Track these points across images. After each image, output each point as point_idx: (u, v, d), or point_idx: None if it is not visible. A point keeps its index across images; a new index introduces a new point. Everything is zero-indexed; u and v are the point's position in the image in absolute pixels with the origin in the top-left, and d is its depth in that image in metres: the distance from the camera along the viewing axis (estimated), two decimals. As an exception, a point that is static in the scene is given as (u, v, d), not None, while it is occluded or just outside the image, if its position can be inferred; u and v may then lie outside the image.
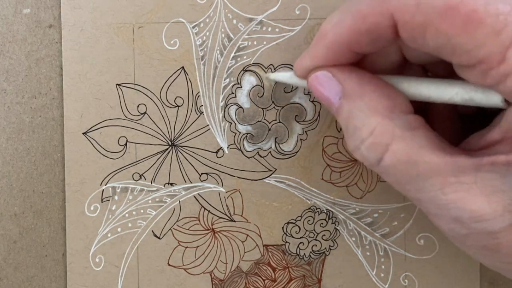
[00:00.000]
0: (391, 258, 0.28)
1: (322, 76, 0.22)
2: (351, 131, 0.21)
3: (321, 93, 0.22)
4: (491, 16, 0.16)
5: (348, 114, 0.21)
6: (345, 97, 0.21)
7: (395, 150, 0.19)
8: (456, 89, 0.19)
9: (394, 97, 0.20)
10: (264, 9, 0.27)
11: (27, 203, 0.28)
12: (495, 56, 0.17)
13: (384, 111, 0.20)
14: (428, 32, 0.18)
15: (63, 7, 0.27)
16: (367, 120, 0.20)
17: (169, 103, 0.28)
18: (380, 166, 0.20)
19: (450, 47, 0.18)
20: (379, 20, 0.19)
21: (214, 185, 0.28)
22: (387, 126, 0.20)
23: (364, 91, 0.20)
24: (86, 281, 0.28)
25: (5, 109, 0.28)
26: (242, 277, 0.29)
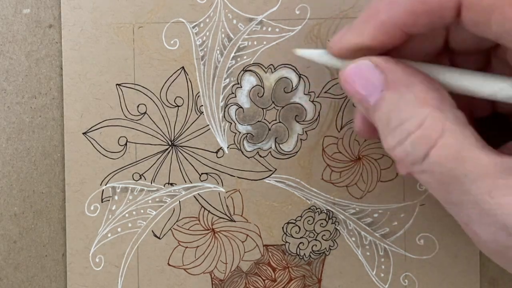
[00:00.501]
0: (391, 258, 0.28)
1: (364, 66, 0.20)
2: (395, 124, 0.19)
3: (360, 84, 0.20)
4: None
5: (392, 106, 0.19)
6: (390, 88, 0.19)
7: (445, 144, 0.18)
8: (501, 84, 0.18)
9: (443, 91, 0.19)
10: (264, 9, 0.27)
11: (27, 203, 0.28)
12: None
13: (434, 103, 0.18)
14: (494, 16, 0.17)
15: (63, 7, 0.27)
16: (416, 111, 0.18)
17: (169, 103, 0.28)
18: (424, 163, 0.18)
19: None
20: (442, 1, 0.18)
21: (214, 185, 0.28)
22: (438, 119, 0.18)
23: (413, 81, 0.19)
24: (86, 281, 0.28)
25: (5, 109, 0.28)
26: (242, 277, 0.29)
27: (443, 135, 0.18)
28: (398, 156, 0.19)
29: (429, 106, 0.18)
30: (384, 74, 0.19)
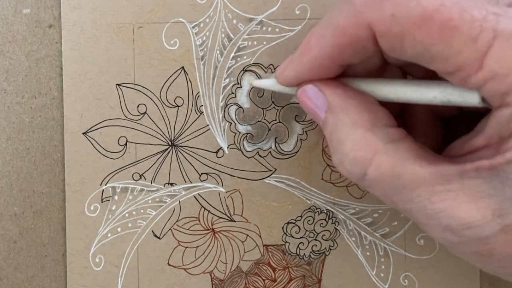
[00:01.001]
0: (391, 258, 0.28)
1: (309, 90, 0.22)
2: (335, 144, 0.21)
3: (308, 106, 0.22)
4: (467, 23, 0.16)
5: (332, 127, 0.21)
6: (330, 110, 0.21)
7: (379, 163, 0.19)
8: (434, 92, 0.19)
9: (376, 111, 0.21)
10: (264, 9, 0.27)
11: (27, 203, 0.28)
12: (472, 63, 0.17)
13: (366, 124, 0.20)
14: (405, 41, 0.18)
15: (63, 7, 0.27)
16: (350, 133, 0.20)
17: (169, 103, 0.28)
18: (365, 180, 0.20)
19: (428, 55, 0.18)
20: (358, 33, 0.19)
21: (214, 185, 0.28)
22: (370, 139, 0.20)
23: (348, 105, 0.21)
24: (86, 281, 0.28)
25: (5, 109, 0.28)
26: (242, 277, 0.29)
27: (376, 154, 0.19)
28: (343, 173, 0.21)
29: (362, 128, 0.20)
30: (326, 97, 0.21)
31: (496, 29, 0.16)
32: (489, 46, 0.16)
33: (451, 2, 0.17)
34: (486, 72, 0.16)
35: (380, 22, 0.18)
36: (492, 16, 0.16)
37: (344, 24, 0.19)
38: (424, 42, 0.17)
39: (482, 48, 0.16)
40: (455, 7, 0.17)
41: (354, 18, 0.19)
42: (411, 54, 0.18)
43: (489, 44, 0.16)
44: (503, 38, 0.16)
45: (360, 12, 0.18)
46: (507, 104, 0.17)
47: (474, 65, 0.17)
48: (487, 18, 0.16)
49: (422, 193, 0.19)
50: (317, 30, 0.21)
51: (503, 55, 0.16)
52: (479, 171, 0.18)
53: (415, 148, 0.20)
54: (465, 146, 0.19)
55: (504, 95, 0.17)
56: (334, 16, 0.20)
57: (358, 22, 0.19)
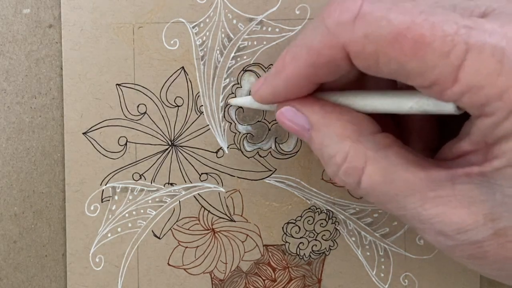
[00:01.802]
0: (391, 258, 0.28)
1: (287, 111, 0.22)
2: (326, 159, 0.21)
3: (290, 127, 0.22)
4: (438, 38, 0.17)
5: (320, 144, 0.21)
6: (313, 128, 0.21)
7: (371, 172, 0.20)
8: (410, 103, 0.19)
9: (359, 121, 0.21)
10: (264, 9, 0.27)
11: (27, 203, 0.28)
12: (447, 77, 0.17)
13: (353, 135, 0.20)
14: (380, 60, 0.18)
15: (63, 7, 0.27)
16: (338, 146, 0.20)
17: (169, 103, 0.28)
18: (361, 189, 0.20)
19: (404, 72, 0.18)
20: (332, 54, 0.19)
21: (214, 185, 0.28)
22: (359, 149, 0.20)
23: (329, 121, 0.21)
24: (86, 281, 0.28)
25: (5, 109, 0.28)
26: (242, 277, 0.29)
27: (366, 164, 0.20)
28: (339, 184, 0.21)
29: (348, 139, 0.20)
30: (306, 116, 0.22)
31: (468, 42, 0.16)
32: (462, 59, 0.16)
33: (422, 19, 0.17)
34: (462, 85, 0.17)
35: (353, 43, 0.18)
36: (463, 30, 0.16)
37: (317, 45, 0.19)
38: (398, 60, 0.17)
39: (456, 62, 0.16)
40: (426, 24, 0.17)
41: (327, 40, 0.19)
42: (387, 71, 0.18)
43: (462, 57, 0.16)
44: (476, 51, 0.16)
45: (333, 34, 0.19)
46: (486, 114, 0.17)
47: (449, 79, 0.17)
48: (458, 32, 0.16)
49: (414, 199, 0.19)
50: (292, 49, 0.21)
51: (477, 68, 0.16)
52: (469, 177, 0.18)
53: (405, 154, 0.20)
54: (455, 150, 0.19)
55: (482, 106, 0.17)
56: (308, 36, 0.20)
57: (331, 43, 0.19)
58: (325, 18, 0.19)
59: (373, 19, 0.18)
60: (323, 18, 0.19)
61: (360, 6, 0.18)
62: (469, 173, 0.18)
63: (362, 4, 0.18)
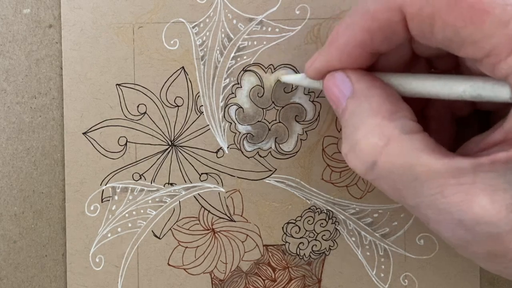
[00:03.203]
0: (391, 258, 0.28)
1: (337, 75, 0.21)
2: (349, 131, 0.20)
3: (333, 92, 0.22)
4: (498, 6, 0.16)
5: (351, 114, 0.20)
6: (353, 96, 0.21)
7: (391, 152, 0.19)
8: (463, 86, 0.19)
9: (398, 104, 0.20)
10: (264, 9, 0.27)
11: (27, 203, 0.28)
12: (503, 47, 0.16)
13: (385, 113, 0.20)
14: (436, 24, 0.17)
15: (63, 7, 0.27)
16: (366, 120, 0.20)
17: (169, 103, 0.28)
18: (374, 170, 0.19)
19: (458, 39, 0.17)
20: (388, 16, 0.19)
21: (214, 185, 0.28)
22: (385, 127, 0.19)
23: (371, 93, 0.20)
24: (86, 281, 0.28)
25: (5, 109, 0.28)
26: (242, 277, 0.29)
27: (388, 143, 0.19)
28: (351, 163, 0.20)
29: (380, 116, 0.20)
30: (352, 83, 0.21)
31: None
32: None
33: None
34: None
35: (410, 3, 0.18)
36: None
37: (374, 8, 0.19)
38: (454, 25, 0.17)
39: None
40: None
41: (384, 1, 0.18)
42: (441, 38, 0.18)
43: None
44: None
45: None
46: None
47: (505, 50, 0.16)
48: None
49: (434, 185, 0.18)
50: (346, 19, 0.20)
51: None
52: (494, 164, 0.17)
53: (430, 142, 0.19)
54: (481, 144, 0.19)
55: None
56: (363, 3, 0.19)
57: (388, 5, 0.18)
58: None
59: None
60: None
61: None
62: (494, 160, 0.17)
63: None
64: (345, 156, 0.21)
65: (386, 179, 0.19)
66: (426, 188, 0.18)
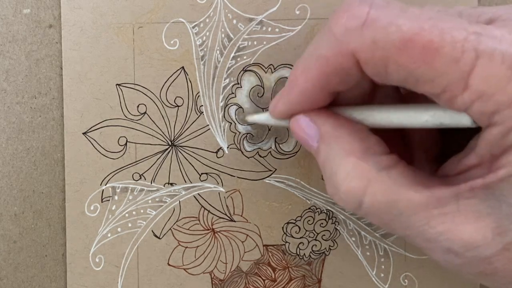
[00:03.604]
0: (391, 258, 0.28)
1: (301, 120, 0.22)
2: (328, 175, 0.21)
3: (301, 136, 0.22)
4: (448, 44, 0.16)
5: (325, 157, 0.21)
6: (322, 140, 0.21)
7: (373, 191, 0.19)
8: (426, 116, 0.19)
9: (367, 140, 0.20)
10: (264, 9, 0.27)
11: (27, 203, 0.28)
12: (457, 83, 0.17)
13: (358, 153, 0.20)
14: (389, 67, 0.18)
15: (63, 7, 0.28)
16: (342, 162, 0.20)
17: (169, 103, 0.28)
18: (362, 209, 0.20)
19: (413, 79, 0.18)
20: (342, 61, 0.19)
21: (214, 185, 0.28)
22: (362, 168, 0.20)
23: (339, 134, 0.21)
24: (86, 281, 0.28)
25: (5, 109, 0.28)
26: (242, 277, 0.29)
27: (369, 183, 0.19)
28: (339, 203, 0.21)
29: (353, 156, 0.20)
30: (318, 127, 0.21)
31: (477, 49, 0.16)
32: (472, 66, 0.16)
33: (430, 25, 0.17)
34: (472, 92, 0.16)
35: (362, 49, 0.18)
36: (473, 36, 0.16)
37: (327, 54, 0.19)
38: (407, 66, 0.17)
39: (466, 68, 0.16)
40: (435, 30, 0.17)
41: (336, 48, 0.19)
42: (396, 78, 0.18)
43: (472, 64, 0.16)
44: (486, 58, 0.16)
45: (341, 41, 0.18)
46: (495, 123, 0.17)
47: (459, 86, 0.17)
48: (468, 38, 0.16)
49: (420, 218, 0.19)
50: (302, 62, 0.21)
51: (487, 75, 0.16)
52: (473, 191, 0.18)
53: (409, 173, 0.19)
54: (459, 165, 0.19)
55: (492, 114, 0.17)
56: (317, 46, 0.20)
57: (340, 51, 0.19)
58: (332, 26, 0.19)
59: (382, 25, 0.17)
60: (330, 26, 0.19)
61: (368, 12, 0.18)
62: (472, 187, 0.18)
63: (369, 11, 0.18)
64: (332, 197, 0.21)
65: (374, 216, 0.20)
66: (413, 221, 0.19)
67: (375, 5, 0.18)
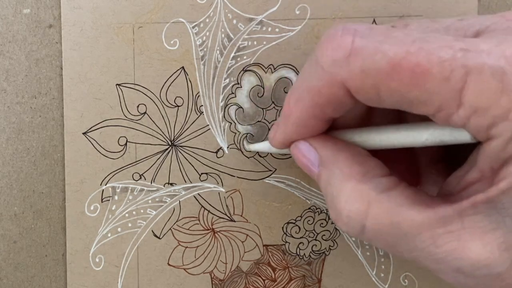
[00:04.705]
0: (391, 258, 0.28)
1: (301, 145, 0.22)
2: (330, 199, 0.21)
3: (302, 162, 0.22)
4: (436, 65, 0.16)
5: (326, 182, 0.21)
6: (322, 165, 0.21)
7: (375, 214, 0.19)
8: (425, 135, 0.19)
9: (366, 162, 0.20)
10: (264, 9, 0.27)
11: (27, 203, 0.28)
12: (451, 101, 0.17)
13: (357, 176, 0.20)
14: (381, 93, 0.18)
15: (63, 7, 0.28)
16: (342, 187, 0.20)
17: (169, 103, 0.28)
18: (365, 233, 0.20)
19: (407, 101, 0.18)
20: (333, 92, 0.19)
21: (214, 185, 0.28)
22: (361, 191, 0.19)
23: (338, 159, 0.21)
24: (86, 281, 0.28)
25: (5, 109, 0.28)
26: (242, 277, 0.29)
27: (370, 206, 0.19)
28: (342, 228, 0.20)
29: (353, 180, 0.20)
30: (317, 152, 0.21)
31: (466, 65, 0.16)
32: (463, 83, 0.16)
33: (416, 48, 0.17)
34: (467, 108, 0.16)
35: (351, 79, 0.18)
36: (460, 53, 0.16)
37: (317, 85, 0.19)
38: (399, 91, 0.17)
39: (457, 86, 0.16)
40: (421, 52, 0.17)
41: (325, 79, 0.19)
42: (390, 102, 0.18)
43: (463, 81, 0.16)
44: (475, 73, 0.16)
45: (329, 73, 0.18)
46: (493, 136, 0.17)
47: (453, 104, 0.17)
48: (455, 56, 0.16)
49: (425, 238, 0.18)
50: (294, 93, 0.21)
51: (479, 90, 0.16)
52: (476, 206, 0.17)
53: (410, 194, 0.19)
54: (460, 182, 0.19)
55: (489, 128, 0.16)
56: (306, 77, 0.20)
57: (330, 82, 0.19)
58: (318, 57, 0.19)
59: (367, 53, 0.17)
60: (317, 57, 0.19)
61: (352, 41, 0.18)
62: (475, 203, 0.17)
63: (353, 40, 0.18)
64: (335, 222, 0.21)
65: (378, 239, 0.20)
66: (418, 242, 0.18)
67: (358, 33, 0.18)
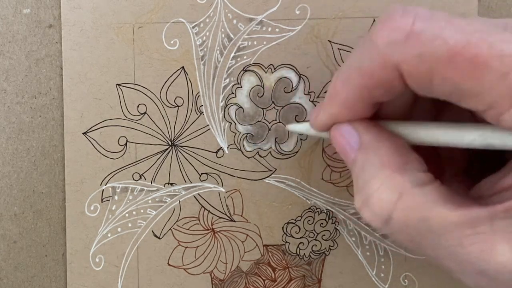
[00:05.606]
0: (391, 258, 0.28)
1: (344, 127, 0.21)
2: (361, 185, 0.20)
3: (340, 144, 0.21)
4: (496, 58, 0.16)
5: (360, 167, 0.20)
6: (361, 149, 0.21)
7: (404, 206, 0.19)
8: (473, 135, 0.18)
9: (407, 155, 0.20)
10: (264, 9, 0.27)
11: (27, 203, 0.28)
12: (505, 99, 0.16)
13: (395, 166, 0.19)
14: (434, 80, 0.17)
15: (63, 7, 0.28)
16: (376, 173, 0.19)
17: (169, 103, 0.28)
18: (390, 224, 0.19)
19: (459, 93, 0.17)
20: (385, 74, 0.18)
21: (214, 185, 0.28)
22: (396, 181, 0.19)
23: (379, 145, 0.20)
24: (86, 281, 0.28)
25: (5, 109, 0.28)
26: (242, 277, 0.29)
27: (401, 198, 0.19)
28: (365, 217, 0.20)
29: (389, 169, 0.19)
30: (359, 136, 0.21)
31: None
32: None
33: (478, 38, 0.16)
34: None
35: (406, 62, 0.17)
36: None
37: (369, 66, 0.19)
38: (453, 80, 0.17)
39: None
40: (483, 43, 0.16)
41: (379, 60, 0.18)
42: (441, 92, 0.18)
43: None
44: None
45: (384, 53, 0.18)
46: None
47: (507, 102, 0.16)
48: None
49: (451, 237, 0.18)
50: (342, 73, 0.20)
51: None
52: (509, 211, 0.17)
53: (443, 192, 0.19)
54: (494, 186, 0.19)
55: None
56: (357, 58, 0.19)
57: (384, 63, 0.18)
58: (374, 37, 0.18)
59: (427, 38, 0.17)
60: (372, 38, 0.18)
61: (412, 24, 0.17)
62: (508, 208, 0.17)
63: (414, 22, 0.17)
64: (359, 210, 0.20)
65: (403, 233, 0.19)
66: (444, 240, 0.18)
67: (419, 17, 0.17)
